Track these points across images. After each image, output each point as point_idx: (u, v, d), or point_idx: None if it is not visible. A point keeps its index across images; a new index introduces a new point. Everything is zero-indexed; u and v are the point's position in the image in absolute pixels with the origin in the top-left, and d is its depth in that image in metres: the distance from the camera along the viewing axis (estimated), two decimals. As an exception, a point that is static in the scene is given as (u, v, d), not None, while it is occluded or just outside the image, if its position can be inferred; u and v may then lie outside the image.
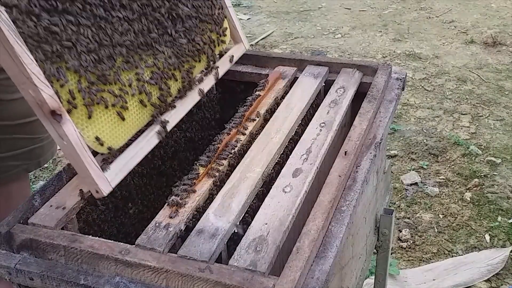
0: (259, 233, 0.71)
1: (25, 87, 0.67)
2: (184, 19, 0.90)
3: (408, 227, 2.06)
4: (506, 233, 2.00)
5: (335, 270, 0.77)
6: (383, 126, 0.93)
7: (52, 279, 0.68)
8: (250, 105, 0.96)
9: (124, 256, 0.67)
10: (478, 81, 2.94)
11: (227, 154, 0.86)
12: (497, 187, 2.20)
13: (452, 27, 3.55)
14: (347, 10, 3.91)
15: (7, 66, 0.66)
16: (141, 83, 0.82)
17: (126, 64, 0.80)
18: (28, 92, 0.67)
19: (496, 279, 1.82)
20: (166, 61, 0.86)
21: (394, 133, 2.55)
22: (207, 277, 0.64)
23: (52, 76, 0.70)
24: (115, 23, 0.79)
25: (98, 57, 0.77)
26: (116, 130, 0.77)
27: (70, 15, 0.74)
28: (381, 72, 1.03)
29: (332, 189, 0.76)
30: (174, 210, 0.76)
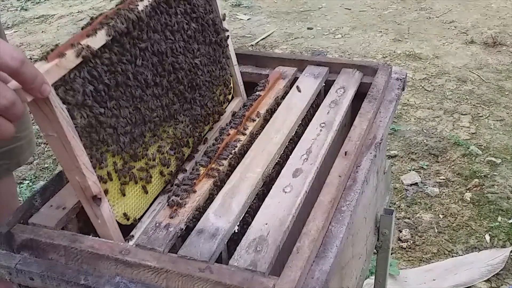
0: (259, 233, 0.71)
1: (72, 174, 0.71)
2: (201, 87, 0.93)
3: (408, 227, 2.06)
4: (506, 233, 2.00)
5: (335, 270, 0.77)
6: (383, 126, 0.93)
7: (52, 279, 0.69)
8: (251, 105, 0.96)
9: (124, 256, 0.67)
10: (478, 82, 2.94)
11: (227, 154, 0.86)
12: (497, 187, 2.20)
13: (452, 28, 3.55)
14: (347, 10, 3.90)
15: (58, 154, 0.70)
16: (163, 155, 0.84)
17: (152, 138, 0.83)
18: (74, 177, 0.71)
19: (496, 279, 1.82)
20: (183, 130, 0.89)
21: (394, 133, 2.55)
22: (207, 277, 0.64)
23: (97, 163, 0.73)
24: (149, 101, 0.82)
25: (133, 137, 0.80)
26: (139, 203, 0.80)
27: (113, 100, 0.77)
28: (381, 72, 1.03)
29: (332, 189, 0.76)
30: (174, 210, 0.76)
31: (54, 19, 4.09)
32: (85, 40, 0.73)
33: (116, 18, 0.77)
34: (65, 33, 3.85)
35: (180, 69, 0.88)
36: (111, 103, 0.77)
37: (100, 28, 0.75)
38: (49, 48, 0.72)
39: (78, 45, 0.71)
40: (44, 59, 0.69)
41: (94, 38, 0.73)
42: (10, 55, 0.58)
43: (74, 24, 3.96)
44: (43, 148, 2.68)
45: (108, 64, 0.76)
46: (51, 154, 2.62)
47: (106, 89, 0.76)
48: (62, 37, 3.80)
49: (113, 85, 0.77)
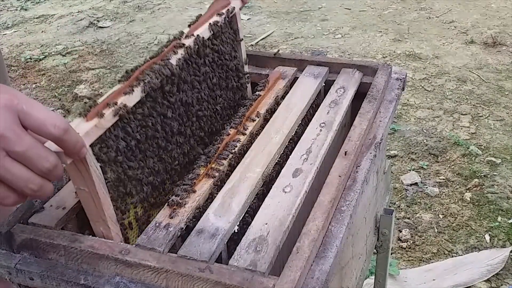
0: (259, 233, 0.71)
1: (97, 225, 0.72)
2: (219, 131, 0.94)
3: (408, 227, 2.06)
4: (506, 233, 2.00)
5: (335, 270, 0.77)
6: (383, 126, 0.93)
7: (52, 279, 0.69)
8: (250, 105, 0.96)
9: (124, 256, 0.67)
10: (478, 81, 2.94)
11: (227, 154, 0.86)
12: (497, 187, 2.20)
13: (452, 27, 3.55)
14: (347, 10, 3.90)
15: (86, 207, 0.72)
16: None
17: (172, 185, 0.83)
18: (99, 228, 0.72)
19: (496, 279, 1.82)
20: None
21: (394, 133, 2.55)
22: (207, 277, 0.64)
23: (121, 214, 0.75)
24: (172, 150, 0.83)
25: (154, 186, 0.80)
26: None
27: (141, 153, 0.78)
28: (381, 72, 1.03)
29: (332, 189, 0.76)
30: (174, 210, 0.76)
31: (54, 19, 4.09)
32: (122, 98, 0.73)
33: (151, 73, 0.78)
34: (65, 32, 3.86)
35: (203, 117, 0.90)
36: (139, 156, 0.78)
37: (136, 85, 0.76)
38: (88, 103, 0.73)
39: (115, 105, 0.72)
40: (82, 116, 0.70)
41: (131, 96, 0.74)
42: (53, 124, 0.60)
43: (74, 24, 3.96)
44: (43, 148, 2.67)
45: (140, 119, 0.77)
46: (51, 154, 2.62)
47: (137, 144, 0.77)
48: (62, 37, 3.80)
49: (143, 139, 0.78)
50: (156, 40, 3.66)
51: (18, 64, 3.43)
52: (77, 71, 3.31)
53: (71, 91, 3.09)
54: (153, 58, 0.81)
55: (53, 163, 0.60)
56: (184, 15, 3.93)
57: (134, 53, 3.51)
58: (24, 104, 0.59)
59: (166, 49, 0.83)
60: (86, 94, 3.02)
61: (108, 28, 3.89)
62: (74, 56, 3.50)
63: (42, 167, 0.60)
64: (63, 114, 2.92)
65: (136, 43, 3.64)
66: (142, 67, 0.79)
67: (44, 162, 0.60)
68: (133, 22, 3.96)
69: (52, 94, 3.10)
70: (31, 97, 3.06)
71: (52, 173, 0.61)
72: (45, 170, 0.60)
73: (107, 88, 3.13)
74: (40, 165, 0.60)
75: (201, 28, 0.90)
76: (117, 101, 0.73)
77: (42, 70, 3.35)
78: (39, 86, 3.19)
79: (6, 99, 0.58)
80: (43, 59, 3.48)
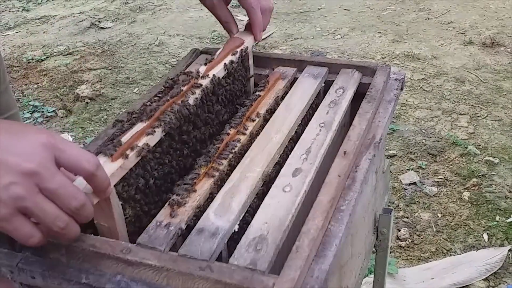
0: (259, 232, 0.71)
1: None
2: None
3: (406, 226, 2.07)
4: (504, 232, 2.01)
5: (335, 269, 0.78)
6: (382, 126, 0.94)
7: (53, 278, 0.69)
8: (250, 105, 0.97)
9: (125, 255, 0.68)
10: (476, 82, 2.95)
11: (227, 154, 0.86)
12: (495, 186, 2.21)
13: (451, 28, 3.56)
14: (346, 11, 3.91)
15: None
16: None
17: None
18: None
19: (494, 278, 1.83)
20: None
21: (393, 133, 2.56)
22: (208, 276, 0.64)
23: None
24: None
25: None
26: None
27: (156, 188, 0.81)
28: (380, 72, 1.04)
29: (332, 189, 0.77)
30: (175, 209, 0.76)
31: (56, 19, 4.09)
32: (144, 139, 0.78)
33: (171, 114, 0.82)
34: (67, 33, 3.86)
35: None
36: (155, 192, 0.80)
37: (158, 126, 0.79)
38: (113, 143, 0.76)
39: (138, 146, 0.76)
40: (108, 156, 0.73)
41: (152, 137, 0.79)
42: (87, 160, 0.63)
43: (75, 25, 3.97)
44: (42, 148, 2.67)
45: (158, 157, 0.80)
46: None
47: (154, 181, 0.80)
48: (63, 37, 3.80)
49: (160, 176, 0.81)
50: (157, 40, 3.67)
51: (20, 64, 3.43)
52: (79, 72, 3.32)
53: (72, 92, 3.09)
54: (173, 98, 0.85)
55: (82, 201, 0.62)
56: (185, 16, 3.93)
57: (135, 53, 3.51)
58: (60, 144, 0.62)
59: (184, 89, 0.87)
60: (87, 94, 3.03)
61: (109, 29, 3.89)
62: (76, 56, 3.50)
63: (70, 205, 0.62)
64: (64, 114, 2.92)
65: (137, 44, 3.65)
66: (162, 107, 0.83)
67: (73, 201, 0.62)
68: (134, 23, 3.97)
69: (54, 95, 3.10)
70: (34, 97, 3.07)
71: (80, 212, 0.63)
72: (74, 208, 0.62)
73: (109, 89, 3.13)
74: (69, 203, 0.62)
75: (216, 68, 0.94)
76: (140, 142, 0.77)
77: (44, 71, 3.35)
78: (40, 86, 3.20)
79: (44, 138, 0.61)
80: (44, 59, 3.48)
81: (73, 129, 2.79)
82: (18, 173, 0.59)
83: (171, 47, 3.56)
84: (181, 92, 0.86)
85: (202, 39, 3.63)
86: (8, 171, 0.59)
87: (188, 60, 1.11)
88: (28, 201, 0.60)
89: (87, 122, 2.84)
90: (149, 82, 3.15)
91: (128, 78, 3.22)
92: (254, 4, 1.00)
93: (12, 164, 0.59)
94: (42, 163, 0.60)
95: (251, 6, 1.00)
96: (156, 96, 0.98)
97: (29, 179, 0.59)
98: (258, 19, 1.02)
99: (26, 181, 0.59)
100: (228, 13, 1.04)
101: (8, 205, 0.59)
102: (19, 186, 0.59)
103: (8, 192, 0.59)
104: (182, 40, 3.65)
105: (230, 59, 0.97)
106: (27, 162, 0.59)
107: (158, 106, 0.83)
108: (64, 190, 0.61)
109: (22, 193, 0.59)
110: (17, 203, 0.59)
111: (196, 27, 3.80)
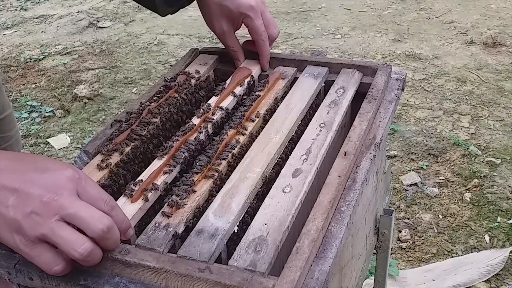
0: (259, 233, 0.71)
1: None
2: None
3: (407, 227, 2.06)
4: (506, 233, 2.00)
5: (335, 270, 0.77)
6: (383, 126, 0.93)
7: (51, 279, 0.68)
8: (250, 105, 0.96)
9: (123, 256, 0.67)
10: (477, 82, 2.94)
11: (226, 155, 0.86)
12: (496, 187, 2.20)
13: (452, 28, 3.55)
14: (347, 10, 3.91)
15: None
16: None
17: None
18: None
19: (495, 279, 1.83)
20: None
21: (394, 133, 2.55)
22: (207, 277, 0.64)
23: None
24: None
25: None
26: None
27: None
28: (381, 72, 1.03)
29: (332, 190, 0.76)
30: (174, 210, 0.76)
31: (54, 19, 4.09)
32: (162, 178, 0.81)
33: (186, 152, 0.85)
34: (65, 33, 3.86)
35: None
36: None
37: (174, 164, 0.83)
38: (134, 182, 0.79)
39: (156, 185, 0.79)
40: (128, 196, 0.76)
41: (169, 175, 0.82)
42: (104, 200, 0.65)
43: (73, 24, 3.97)
44: (42, 148, 2.68)
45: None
46: (50, 154, 2.62)
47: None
48: (61, 37, 3.80)
49: None
50: (155, 40, 3.66)
51: (17, 64, 3.43)
52: (77, 71, 3.31)
53: (70, 91, 3.09)
54: (186, 134, 0.88)
55: (107, 224, 0.62)
56: (184, 15, 3.93)
57: (134, 53, 3.51)
58: (84, 180, 0.64)
59: (197, 124, 0.90)
60: (85, 94, 3.02)
61: (107, 28, 3.89)
62: (74, 56, 3.50)
63: (95, 228, 0.62)
64: (62, 114, 2.92)
65: (136, 43, 3.64)
66: (177, 144, 0.85)
67: (97, 223, 0.62)
68: (132, 22, 3.96)
69: (52, 94, 3.10)
70: (32, 96, 3.06)
71: (107, 236, 0.63)
72: (99, 231, 0.62)
73: (107, 88, 3.13)
74: (94, 225, 0.62)
75: (226, 100, 0.97)
76: (158, 181, 0.79)
77: (42, 70, 3.35)
78: (38, 86, 3.19)
79: (70, 173, 0.64)
80: (42, 59, 3.48)
81: (71, 129, 2.79)
82: (39, 202, 0.61)
83: (170, 46, 3.56)
84: (194, 127, 0.90)
85: (201, 38, 3.63)
86: (30, 201, 0.61)
87: (187, 60, 1.10)
88: (45, 228, 0.61)
89: (85, 122, 2.84)
90: (148, 82, 3.15)
91: (127, 78, 3.22)
92: (264, 37, 1.03)
93: (35, 194, 0.61)
94: (65, 195, 0.62)
95: (261, 38, 1.03)
96: (154, 96, 0.98)
97: (48, 206, 0.61)
98: (266, 51, 1.05)
99: (45, 209, 0.61)
100: (237, 42, 1.07)
101: (29, 233, 0.61)
102: (38, 215, 0.60)
103: (28, 220, 0.60)
104: (181, 39, 3.65)
105: (239, 90, 1.00)
106: (49, 193, 0.61)
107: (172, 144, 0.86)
108: (86, 212, 0.62)
109: (40, 221, 0.60)
110: (36, 230, 0.61)
111: (195, 26, 3.79)
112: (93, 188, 0.65)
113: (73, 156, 2.50)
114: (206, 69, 1.08)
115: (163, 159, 0.83)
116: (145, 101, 0.97)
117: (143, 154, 0.88)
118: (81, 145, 2.62)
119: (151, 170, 0.82)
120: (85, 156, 0.87)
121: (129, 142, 0.87)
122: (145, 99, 0.98)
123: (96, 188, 0.66)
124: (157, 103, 0.95)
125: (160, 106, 0.94)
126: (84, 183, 0.64)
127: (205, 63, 1.09)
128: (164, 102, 0.95)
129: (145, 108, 0.94)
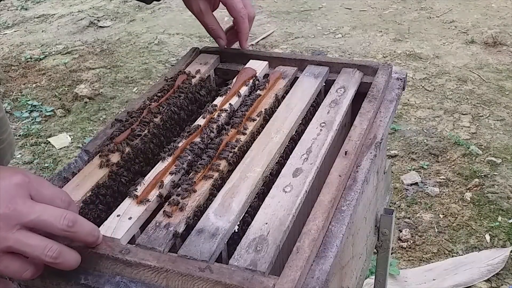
0: (259, 233, 0.71)
1: None
2: None
3: (408, 227, 2.06)
4: (506, 233, 2.00)
5: (335, 270, 0.77)
6: (383, 126, 0.93)
7: (52, 278, 0.68)
8: (251, 104, 0.96)
9: (124, 255, 0.67)
10: (478, 81, 2.94)
11: (227, 154, 0.86)
12: (497, 187, 2.20)
13: (453, 27, 3.55)
14: (348, 10, 3.90)
15: None
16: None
17: None
18: None
19: (496, 279, 1.83)
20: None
21: (395, 133, 2.55)
22: (207, 277, 0.64)
23: None
24: None
25: None
26: None
27: None
28: (382, 72, 1.03)
29: (332, 189, 0.76)
30: (175, 209, 0.76)
31: (54, 18, 4.09)
32: (169, 178, 0.81)
33: (191, 153, 0.85)
34: (65, 32, 3.86)
35: None
36: None
37: (180, 164, 0.83)
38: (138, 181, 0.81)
39: (162, 186, 0.79)
40: (133, 198, 0.77)
41: (176, 175, 0.82)
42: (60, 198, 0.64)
43: (74, 24, 3.97)
44: (43, 148, 2.68)
45: None
46: (51, 154, 2.62)
47: None
48: (62, 36, 3.80)
49: None
50: (156, 39, 3.66)
51: (18, 63, 3.43)
52: (78, 71, 3.31)
53: (71, 91, 3.09)
54: (191, 135, 0.88)
55: (71, 218, 0.61)
56: (185, 15, 3.93)
57: (135, 52, 3.51)
58: (35, 182, 0.63)
59: (202, 124, 0.90)
60: (86, 93, 3.02)
61: (108, 28, 3.89)
62: (75, 55, 3.50)
63: (60, 225, 0.61)
64: (63, 114, 2.92)
65: (136, 43, 3.64)
66: (182, 145, 0.86)
67: (60, 220, 0.61)
68: (133, 22, 3.96)
69: (53, 94, 3.10)
70: (33, 96, 3.07)
71: (74, 230, 0.62)
72: (65, 227, 0.61)
73: (108, 88, 3.13)
74: (58, 223, 0.61)
75: (231, 100, 0.97)
76: (164, 181, 0.80)
77: (43, 70, 3.35)
78: (39, 85, 3.19)
79: (19, 179, 0.62)
80: (43, 58, 3.48)
81: (72, 128, 2.79)
82: None
83: (171, 46, 3.56)
84: (199, 128, 0.90)
85: (201, 38, 3.63)
86: None
87: (187, 59, 1.10)
88: (9, 241, 0.60)
89: (85, 122, 2.84)
90: (148, 81, 3.15)
91: (127, 77, 3.22)
92: (243, 14, 1.01)
93: None
94: (19, 201, 0.60)
95: (240, 15, 1.01)
96: (155, 96, 0.98)
97: (6, 219, 0.60)
98: (245, 28, 1.03)
99: (4, 222, 0.60)
100: (215, 20, 1.06)
101: None
102: None
103: None
104: (182, 39, 3.65)
105: (244, 90, 1.00)
106: (3, 204, 0.60)
107: (177, 145, 0.86)
108: (47, 214, 0.61)
109: (2, 235, 0.59)
110: (1, 244, 0.60)
111: (195, 26, 3.79)
112: (47, 188, 0.64)
113: (73, 156, 2.50)
114: (207, 69, 1.08)
115: (167, 160, 0.84)
116: (146, 100, 0.97)
117: (144, 153, 0.88)
118: (82, 145, 2.62)
119: (156, 171, 0.82)
120: (85, 155, 0.87)
121: (129, 141, 0.87)
122: (146, 98, 0.98)
123: (50, 187, 0.65)
124: (157, 103, 0.95)
125: (161, 105, 0.94)
126: (36, 185, 0.63)
127: (206, 63, 1.09)
128: (164, 101, 0.95)
129: (146, 107, 0.94)
